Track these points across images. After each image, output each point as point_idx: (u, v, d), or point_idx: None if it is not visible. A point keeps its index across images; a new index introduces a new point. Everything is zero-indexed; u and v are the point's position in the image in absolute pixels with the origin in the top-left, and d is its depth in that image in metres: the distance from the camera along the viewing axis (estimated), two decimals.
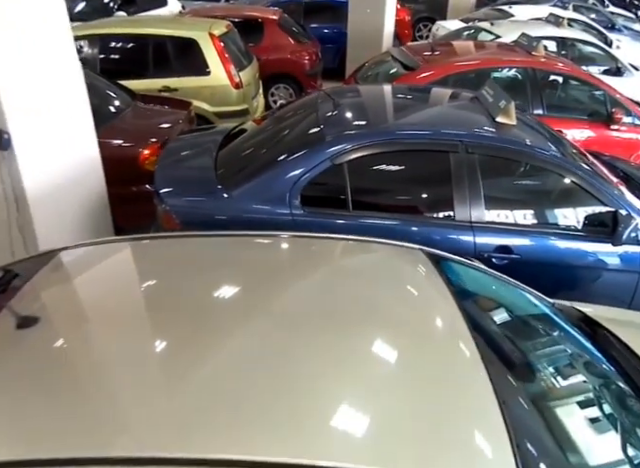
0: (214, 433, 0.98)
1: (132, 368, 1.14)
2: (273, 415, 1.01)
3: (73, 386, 1.11)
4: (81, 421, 1.01)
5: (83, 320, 1.31)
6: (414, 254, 1.62)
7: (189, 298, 1.36)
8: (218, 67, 4.44)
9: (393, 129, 2.46)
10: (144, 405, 1.05)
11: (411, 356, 1.23)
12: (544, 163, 2.55)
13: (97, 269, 1.55)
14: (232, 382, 1.09)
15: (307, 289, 1.42)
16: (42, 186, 2.31)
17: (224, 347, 1.19)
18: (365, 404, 1.09)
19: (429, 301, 1.45)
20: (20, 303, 1.35)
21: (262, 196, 2.36)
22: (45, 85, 2.29)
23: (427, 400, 1.10)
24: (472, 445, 1.03)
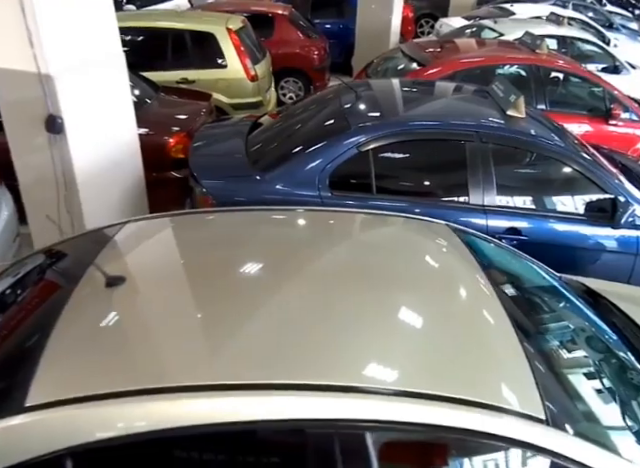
0: (286, 363, 1.19)
1: (215, 315, 1.35)
2: (334, 349, 1.23)
3: (165, 330, 1.31)
4: (183, 356, 1.22)
5: (160, 277, 1.51)
6: (442, 227, 1.84)
7: (244, 259, 1.57)
8: (235, 60, 4.61)
9: (414, 120, 2.67)
10: (230, 343, 1.25)
11: (448, 304, 1.47)
12: (550, 153, 2.77)
13: (161, 237, 1.75)
14: (294, 324, 1.31)
15: (352, 254, 1.64)
16: (89, 168, 2.48)
17: (281, 297, 1.41)
18: (414, 340, 1.31)
19: (459, 264, 1.66)
20: (102, 265, 1.54)
21: (293, 179, 2.56)
22: (95, 74, 2.47)
23: (464, 338, 1.33)
24: (503, 370, 1.28)
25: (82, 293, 1.43)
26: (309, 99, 3.32)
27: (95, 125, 2.47)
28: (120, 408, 1.10)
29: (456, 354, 1.28)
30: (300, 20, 6.50)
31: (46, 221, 2.70)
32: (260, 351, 1.23)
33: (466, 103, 3.03)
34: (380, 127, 2.59)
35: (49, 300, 1.48)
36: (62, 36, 2.22)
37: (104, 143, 2.55)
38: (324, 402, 1.11)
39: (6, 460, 1.07)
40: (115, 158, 2.64)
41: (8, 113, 2.43)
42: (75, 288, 1.44)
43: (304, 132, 2.79)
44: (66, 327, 1.31)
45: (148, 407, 1.10)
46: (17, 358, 1.30)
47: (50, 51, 2.16)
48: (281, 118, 3.14)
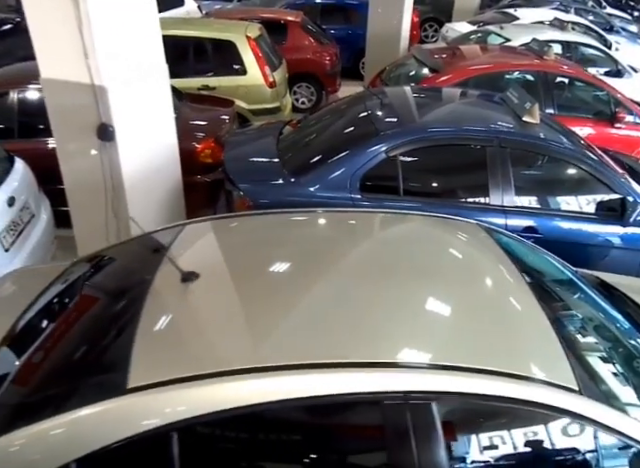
0: (350, 344, 1.36)
1: (278, 304, 1.52)
2: (390, 331, 1.41)
3: (239, 318, 1.47)
4: (258, 341, 1.39)
5: (226, 273, 1.67)
6: (473, 226, 2.02)
7: (298, 255, 1.75)
8: (254, 67, 4.78)
9: (438, 126, 2.84)
10: (299, 327, 1.42)
11: (486, 292, 1.66)
12: (563, 156, 2.96)
13: (221, 236, 1.92)
14: (351, 311, 1.48)
15: (392, 249, 1.82)
16: (135, 174, 2.64)
17: (336, 288, 1.58)
18: (460, 324, 1.49)
19: (491, 257, 1.85)
20: (169, 264, 1.69)
21: (325, 182, 2.73)
22: (142, 84, 2.63)
23: (504, 322, 1.52)
24: (541, 350, 1.47)
25: (159, 288, 1.59)
26: (334, 105, 3.49)
27: (141, 132, 2.63)
28: (212, 387, 1.26)
29: (500, 336, 1.46)
30: (312, 26, 6.68)
31: (90, 225, 2.86)
32: (325, 334, 1.40)
33: (485, 110, 3.21)
34: (406, 133, 2.77)
35: (128, 294, 1.65)
36: (114, 48, 2.38)
37: (148, 149, 2.72)
38: (382, 377, 1.28)
39: (113, 436, 1.22)
40: (157, 164, 2.80)
41: (58, 121, 2.59)
42: (151, 283, 1.60)
43: (334, 138, 2.97)
44: (151, 318, 1.47)
45: (239, 386, 1.26)
46: (111, 347, 1.47)
47: (103, 63, 2.33)
48: (309, 124, 3.31)
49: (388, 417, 1.26)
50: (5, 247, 2.89)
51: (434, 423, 1.26)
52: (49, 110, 2.60)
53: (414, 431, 1.25)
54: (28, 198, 3.25)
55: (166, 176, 2.90)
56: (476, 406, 1.31)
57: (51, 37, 2.35)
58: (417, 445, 1.25)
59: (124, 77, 2.44)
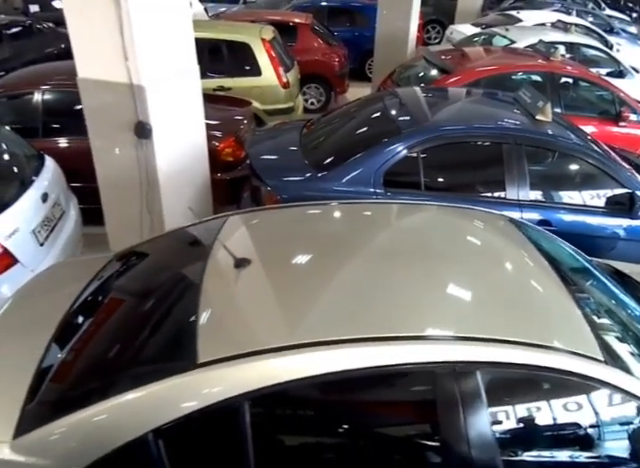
0: (399, 321, 1.48)
1: (324, 286, 1.64)
2: (419, 306, 1.54)
3: (290, 299, 1.59)
4: (311, 319, 1.51)
5: (274, 259, 1.78)
6: (499, 217, 2.14)
7: (337, 242, 1.88)
8: (268, 68, 4.90)
9: (457, 125, 2.97)
10: (347, 307, 1.53)
11: (518, 273, 1.79)
12: (575, 153, 3.09)
13: (262, 226, 2.04)
14: (395, 291, 1.60)
15: (426, 236, 1.95)
16: (168, 170, 2.76)
17: (379, 271, 1.71)
18: (496, 303, 1.61)
19: (519, 244, 1.98)
20: (220, 250, 1.81)
21: (350, 178, 2.85)
22: (176, 84, 2.76)
23: (536, 303, 1.65)
24: (572, 327, 1.59)
25: (213, 273, 1.70)
26: (353, 104, 3.61)
27: (174, 131, 2.75)
28: (275, 361, 1.37)
29: (534, 313, 1.60)
30: (320, 28, 6.81)
31: (123, 220, 2.97)
32: (374, 311, 1.52)
33: (500, 109, 3.34)
34: (427, 131, 2.90)
35: (184, 279, 1.77)
36: (152, 50, 2.50)
37: (180, 147, 2.83)
38: (432, 348, 1.41)
39: (187, 407, 1.33)
40: (188, 161, 2.92)
41: (94, 119, 2.70)
42: (205, 269, 1.71)
43: (357, 136, 3.10)
44: (210, 300, 1.59)
45: (300, 358, 1.37)
46: (176, 327, 1.58)
47: (142, 64, 2.44)
48: (329, 122, 3.44)
49: (439, 385, 1.39)
50: (40, 241, 2.99)
51: (479, 390, 1.39)
52: (85, 109, 2.71)
53: (461, 397, 1.37)
54: (59, 195, 3.36)
55: (195, 173, 3.02)
56: (515, 375, 1.44)
57: (91, 39, 2.47)
58: (464, 410, 1.37)
59: (160, 77, 2.55)
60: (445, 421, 1.38)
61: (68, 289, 1.98)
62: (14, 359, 1.74)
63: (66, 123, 4.32)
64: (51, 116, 4.13)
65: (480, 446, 1.38)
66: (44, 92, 4.13)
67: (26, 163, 3.36)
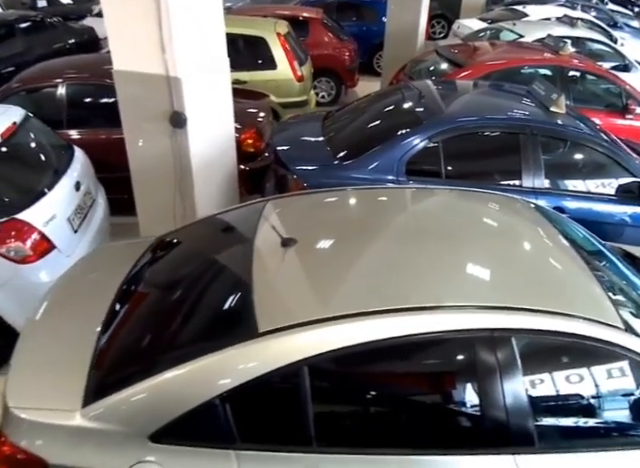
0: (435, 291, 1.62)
1: (366, 261, 1.78)
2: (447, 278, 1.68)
3: (335, 274, 1.71)
4: (357, 291, 1.64)
5: (317, 238, 1.91)
6: (519, 200, 2.27)
7: (372, 223, 2.01)
8: (284, 62, 5.00)
9: (476, 115, 3.09)
10: (390, 280, 1.67)
11: (545, 251, 1.93)
12: (588, 143, 3.23)
13: (300, 209, 2.18)
14: (432, 266, 1.74)
15: (456, 217, 2.08)
16: (200, 159, 2.87)
17: (412, 249, 1.85)
18: (522, 275, 1.74)
19: (541, 225, 2.12)
20: (266, 228, 1.93)
21: (373, 166, 2.97)
22: (209, 76, 2.86)
23: (560, 276, 1.79)
24: (595, 298, 1.73)
25: (262, 252, 1.82)
26: (372, 97, 3.73)
27: (207, 121, 2.86)
28: (330, 329, 1.49)
29: (561, 286, 1.73)
30: (331, 23, 6.89)
31: (155, 208, 3.06)
32: (418, 284, 1.65)
33: (516, 101, 3.46)
34: (447, 122, 3.03)
35: (234, 259, 1.89)
36: (188, 43, 2.61)
37: (211, 136, 2.94)
38: (473, 317, 1.54)
39: (252, 373, 1.46)
40: (218, 150, 3.03)
41: (129, 109, 2.80)
42: (252, 249, 1.83)
43: (379, 126, 3.23)
44: (262, 276, 1.71)
45: (354, 327, 1.50)
46: (234, 301, 1.70)
47: (179, 56, 2.55)
48: (349, 114, 3.55)
49: (479, 350, 1.52)
50: (74, 229, 3.11)
51: (514, 355, 1.52)
52: (120, 99, 2.81)
53: (499, 362, 1.51)
54: (89, 184, 3.47)
55: (224, 162, 3.13)
56: (545, 341, 1.57)
57: (128, 32, 2.57)
58: (501, 372, 1.51)
59: (195, 69, 2.66)
60: (484, 383, 1.51)
61: (118, 268, 2.10)
62: (73, 334, 1.87)
63: (89, 115, 4.44)
64: (75, 108, 4.24)
65: (515, 407, 1.51)
66: (68, 85, 4.23)
67: (58, 153, 3.48)
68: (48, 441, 1.55)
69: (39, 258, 2.79)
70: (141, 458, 1.49)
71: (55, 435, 1.55)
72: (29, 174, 3.13)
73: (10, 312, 2.82)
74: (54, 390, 1.65)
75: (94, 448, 1.52)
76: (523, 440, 1.53)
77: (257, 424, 1.52)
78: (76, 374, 1.67)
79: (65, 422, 1.54)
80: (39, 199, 2.93)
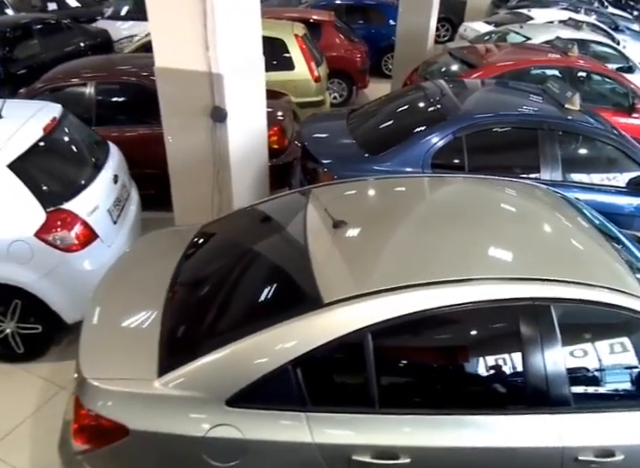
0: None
1: (411, 240, 1.94)
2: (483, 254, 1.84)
3: (384, 251, 1.86)
4: (407, 265, 1.79)
5: (363, 220, 2.07)
6: (542, 188, 2.45)
7: (412, 205, 2.20)
8: (301, 63, 5.16)
9: (498, 112, 3.27)
10: (438, 255, 1.83)
11: (575, 231, 2.13)
12: (601, 138, 3.41)
13: (343, 195, 2.33)
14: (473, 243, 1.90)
15: (491, 200, 2.27)
16: (237, 153, 3.01)
17: (451, 228, 2.01)
18: (552, 251, 1.91)
19: (566, 210, 2.30)
20: (315, 212, 2.08)
21: (400, 159, 3.14)
22: (246, 73, 3.01)
23: (589, 251, 1.96)
24: (616, 268, 1.91)
25: (315, 233, 1.97)
26: (394, 95, 3.90)
27: (244, 116, 3.00)
28: (387, 299, 1.64)
29: (590, 261, 1.91)
30: (342, 25, 7.06)
31: (191, 200, 3.19)
32: (465, 258, 1.81)
33: (532, 98, 3.63)
34: (470, 118, 3.20)
35: (288, 239, 2.04)
36: (230, 41, 2.76)
37: (247, 131, 3.09)
38: (517, 287, 1.70)
39: (318, 340, 1.60)
40: (252, 144, 3.17)
41: (169, 104, 2.94)
42: (305, 230, 1.98)
43: (405, 122, 3.41)
44: (318, 254, 1.86)
45: (411, 296, 1.65)
46: (296, 276, 1.84)
47: (221, 54, 2.69)
48: (375, 111, 3.72)
49: (523, 316, 1.68)
50: (114, 219, 3.24)
51: (552, 321, 1.68)
52: (160, 94, 2.96)
53: (539, 327, 1.67)
54: (124, 177, 3.60)
55: (257, 156, 3.28)
56: (579, 308, 1.73)
57: (173, 32, 2.72)
58: (542, 337, 1.66)
59: (235, 66, 2.81)
60: (527, 348, 1.67)
61: (171, 251, 2.25)
62: (137, 310, 2.00)
63: (116, 113, 4.57)
64: (101, 106, 4.36)
65: (553, 370, 1.66)
66: (95, 84, 4.37)
67: (95, 147, 3.61)
68: (128, 408, 1.67)
69: (83, 247, 2.92)
70: (219, 422, 1.62)
71: (135, 403, 1.67)
72: (71, 167, 3.26)
73: (56, 300, 2.94)
74: (127, 362, 1.78)
75: (173, 414, 1.64)
76: (560, 400, 1.68)
77: (325, 388, 1.67)
78: (146, 347, 1.80)
79: (144, 390, 1.67)
80: (82, 190, 3.06)
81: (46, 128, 3.14)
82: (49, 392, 2.91)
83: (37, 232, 2.78)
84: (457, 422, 1.66)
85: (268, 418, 1.62)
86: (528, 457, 1.68)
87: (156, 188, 4.26)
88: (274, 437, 1.61)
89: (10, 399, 2.84)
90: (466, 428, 1.66)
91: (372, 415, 1.64)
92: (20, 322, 3.01)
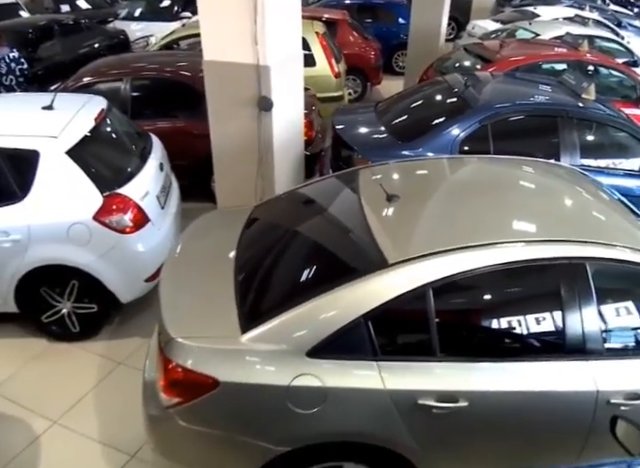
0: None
1: (453, 210, 2.16)
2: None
3: (436, 219, 2.09)
4: (457, 229, 2.01)
5: (413, 194, 2.30)
6: (567, 166, 2.70)
7: (457, 181, 2.46)
8: (322, 59, 5.37)
9: (521, 101, 3.50)
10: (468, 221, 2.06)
11: (597, 202, 2.39)
12: (616, 125, 3.63)
13: (392, 173, 2.55)
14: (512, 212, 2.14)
15: (526, 178, 2.50)
16: (279, 140, 3.21)
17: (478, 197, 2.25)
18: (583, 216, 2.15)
19: (588, 185, 2.55)
20: (368, 189, 2.29)
21: (430, 146, 3.36)
22: (289, 65, 3.22)
23: (615, 217, 2.21)
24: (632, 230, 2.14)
25: (371, 206, 2.18)
26: (417, 87, 4.13)
27: (286, 106, 3.21)
28: (446, 259, 1.85)
29: (619, 225, 2.13)
30: (356, 24, 7.27)
31: (234, 186, 3.39)
32: (511, 223, 2.05)
33: (551, 89, 3.85)
34: (494, 107, 3.43)
35: (347, 211, 2.25)
36: (276, 36, 2.97)
37: (289, 120, 3.30)
38: (556, 248, 1.91)
39: (386, 296, 1.80)
40: (291, 133, 3.38)
41: (216, 95, 3.15)
42: (362, 204, 2.19)
43: (432, 111, 3.63)
44: (378, 223, 2.07)
45: (468, 256, 1.86)
46: (360, 242, 2.04)
47: (269, 48, 2.90)
48: (402, 102, 3.94)
49: (561, 273, 1.91)
50: (161, 205, 3.43)
51: (587, 277, 1.89)
52: (208, 86, 3.16)
53: (576, 283, 1.89)
54: (167, 166, 3.79)
55: (295, 144, 3.49)
56: (609, 266, 1.94)
57: (223, 27, 2.92)
58: (579, 292, 1.88)
59: (279, 60, 3.02)
60: (566, 301, 1.88)
61: (232, 225, 2.46)
62: (210, 276, 2.20)
63: (150, 107, 4.75)
64: (136, 101, 4.55)
65: (588, 320, 1.86)
66: (130, 79, 4.56)
67: (140, 137, 3.80)
68: (218, 363, 1.83)
69: (137, 229, 3.10)
70: (301, 372, 1.79)
71: (224, 357, 1.83)
72: (121, 155, 3.46)
73: (111, 280, 3.12)
74: (209, 322, 1.96)
75: (259, 366, 1.82)
76: (594, 349, 1.88)
77: (393, 339, 1.88)
78: (224, 308, 1.98)
79: (231, 346, 1.84)
80: (134, 176, 3.25)
81: (97, 118, 3.33)
82: (107, 367, 3.12)
83: (95, 215, 2.98)
84: (506, 369, 1.86)
85: (344, 367, 1.81)
86: (568, 400, 1.89)
87: (189, 179, 4.47)
88: (350, 384, 1.80)
89: (71, 375, 3.04)
90: (514, 374, 1.86)
91: (434, 363, 1.85)
92: (76, 302, 3.23)
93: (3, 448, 2.55)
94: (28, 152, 2.98)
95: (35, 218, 2.95)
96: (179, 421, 1.89)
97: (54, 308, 3.20)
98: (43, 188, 2.97)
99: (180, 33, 6.33)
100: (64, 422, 2.74)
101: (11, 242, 2.95)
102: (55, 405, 2.82)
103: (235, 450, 1.92)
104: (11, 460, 2.51)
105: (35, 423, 2.72)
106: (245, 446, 1.89)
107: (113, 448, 2.59)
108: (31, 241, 2.97)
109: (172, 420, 1.91)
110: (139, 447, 2.57)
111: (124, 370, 3.10)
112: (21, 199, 2.96)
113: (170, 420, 1.91)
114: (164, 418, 1.94)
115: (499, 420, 1.88)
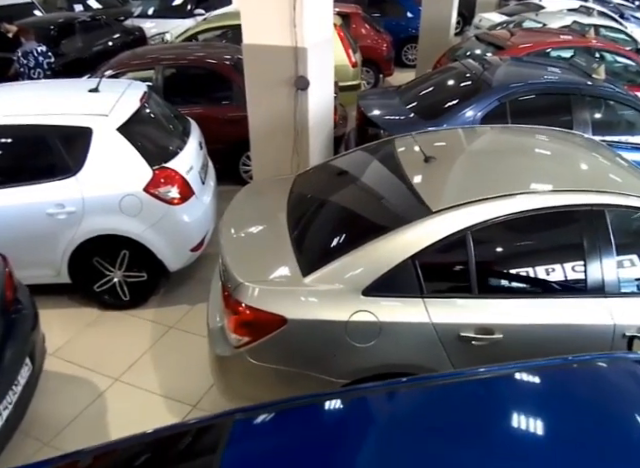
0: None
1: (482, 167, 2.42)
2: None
3: (469, 176, 2.34)
4: (485, 185, 2.26)
5: (448, 156, 2.54)
6: (586, 136, 3.00)
7: (485, 145, 2.75)
8: (340, 50, 5.60)
9: (538, 79, 3.75)
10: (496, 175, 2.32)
11: (613, 160, 2.63)
12: (626, 102, 3.88)
13: (424, 141, 2.76)
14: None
15: (554, 141, 2.78)
16: (314, 118, 3.45)
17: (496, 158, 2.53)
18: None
19: (604, 149, 2.81)
20: (405, 153, 2.53)
21: (452, 123, 3.60)
22: (322, 48, 3.45)
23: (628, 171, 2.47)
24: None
25: (410, 166, 2.42)
26: (437, 71, 4.37)
27: (320, 85, 3.44)
28: (483, 206, 2.09)
29: (631, 180, 2.37)
30: (369, 17, 7.51)
31: (270, 162, 3.61)
32: (538, 178, 2.29)
33: (564, 70, 4.12)
34: (513, 86, 3.68)
35: (389, 172, 2.49)
36: (312, 19, 3.20)
37: (322, 98, 3.53)
38: (579, 196, 2.17)
39: (432, 238, 2.04)
40: (324, 111, 3.62)
41: (256, 77, 3.37)
42: (401, 165, 2.44)
43: (452, 91, 3.90)
44: (419, 179, 2.33)
45: (502, 203, 2.11)
46: (402, 195, 2.28)
47: (307, 30, 3.14)
48: (421, 85, 4.21)
49: (583, 218, 2.15)
50: (203, 180, 3.67)
51: (606, 223, 2.14)
52: (246, 68, 3.40)
53: (597, 227, 2.13)
54: (203, 146, 4.03)
55: (326, 122, 3.72)
56: (626, 213, 2.19)
57: (263, 12, 3.16)
58: (599, 236, 2.12)
59: (315, 42, 3.26)
60: (587, 244, 2.12)
61: (280, 189, 2.71)
62: (265, 230, 2.46)
63: (183, 93, 4.98)
64: (168, 88, 4.79)
65: (607, 261, 2.09)
66: (161, 68, 4.80)
67: (179, 118, 4.04)
68: (285, 302, 2.05)
69: (184, 201, 3.33)
70: (358, 309, 2.02)
71: (290, 297, 2.06)
72: (165, 133, 3.70)
73: (161, 249, 3.35)
74: (272, 268, 2.20)
75: (322, 304, 2.04)
76: (612, 287, 2.11)
77: (437, 278, 2.12)
78: (282, 256, 2.23)
79: (296, 287, 2.07)
80: (179, 152, 3.49)
81: (141, 99, 3.57)
82: (159, 331, 3.33)
83: (146, 187, 3.21)
84: (536, 304, 2.11)
85: (395, 304, 2.05)
86: (589, 332, 2.11)
87: (221, 163, 4.70)
88: (401, 319, 2.03)
89: (126, 339, 3.25)
90: (542, 309, 2.10)
91: (473, 299, 2.08)
92: (127, 271, 3.45)
93: (70, 403, 2.77)
94: (81, 129, 3.23)
95: (89, 191, 3.19)
96: (249, 359, 2.09)
97: (106, 277, 3.44)
98: (96, 162, 3.21)
99: (199, 27, 6.57)
100: (125, 379, 2.95)
101: (66, 214, 3.19)
102: (114, 365, 3.04)
103: (300, 384, 2.11)
104: (79, 414, 2.72)
105: (98, 381, 2.93)
106: (310, 380, 2.09)
107: (175, 400, 2.79)
108: (85, 213, 3.20)
109: (242, 358, 2.10)
110: (200, 398, 2.79)
111: (176, 333, 3.32)
112: (75, 173, 3.20)
113: (240, 359, 2.11)
114: (234, 357, 2.13)
115: (529, 351, 2.07)
